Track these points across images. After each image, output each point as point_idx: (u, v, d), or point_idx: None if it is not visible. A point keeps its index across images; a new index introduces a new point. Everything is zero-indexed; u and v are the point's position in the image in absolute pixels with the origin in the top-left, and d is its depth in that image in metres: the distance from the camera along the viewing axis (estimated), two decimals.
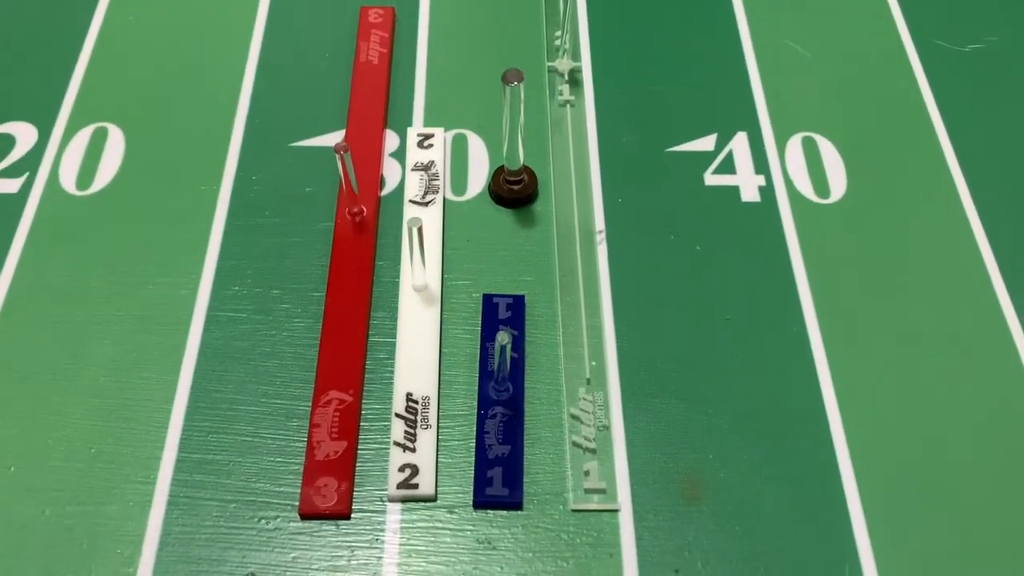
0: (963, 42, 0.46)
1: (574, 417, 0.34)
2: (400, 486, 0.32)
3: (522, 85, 0.35)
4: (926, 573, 0.31)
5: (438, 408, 0.34)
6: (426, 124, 0.43)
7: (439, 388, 0.35)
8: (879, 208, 0.40)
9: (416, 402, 0.34)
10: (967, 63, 0.46)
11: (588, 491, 0.32)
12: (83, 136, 0.42)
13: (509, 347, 0.32)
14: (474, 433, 0.34)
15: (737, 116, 0.43)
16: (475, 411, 0.34)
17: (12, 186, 0.40)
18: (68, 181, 0.40)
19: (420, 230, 0.34)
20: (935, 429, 0.34)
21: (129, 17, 0.46)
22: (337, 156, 0.35)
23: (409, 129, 0.42)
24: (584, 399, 0.34)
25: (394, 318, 0.37)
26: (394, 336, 0.36)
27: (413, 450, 0.33)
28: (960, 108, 0.44)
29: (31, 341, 0.36)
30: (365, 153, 0.41)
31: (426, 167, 0.41)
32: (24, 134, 0.42)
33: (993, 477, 0.33)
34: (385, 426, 0.34)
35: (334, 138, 0.42)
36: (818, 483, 0.33)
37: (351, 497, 0.32)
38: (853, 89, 0.44)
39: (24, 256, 0.38)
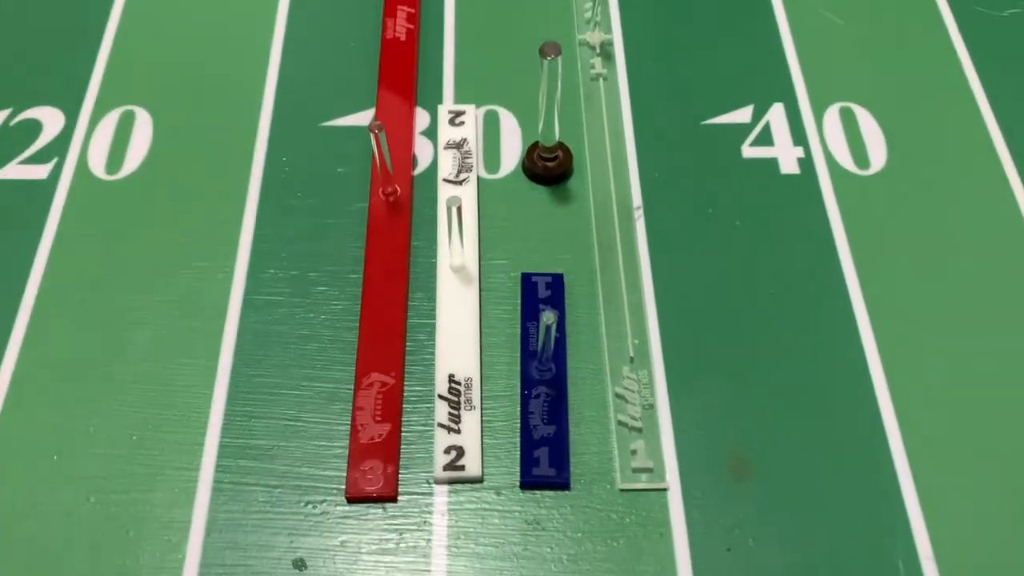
0: (1001, 7, 0.45)
1: (619, 396, 0.34)
2: (447, 468, 0.32)
3: (560, 59, 0.34)
4: (981, 548, 0.31)
5: (481, 389, 0.34)
6: (456, 101, 0.42)
7: (481, 369, 0.34)
8: (921, 178, 0.39)
9: (459, 383, 0.34)
10: (1006, 28, 0.45)
11: (636, 470, 0.32)
12: (110, 120, 0.41)
13: (554, 327, 0.32)
14: (518, 414, 0.33)
15: (773, 86, 0.42)
16: (518, 392, 0.34)
17: (41, 172, 0.40)
18: (97, 166, 0.40)
19: (459, 209, 0.33)
20: (986, 403, 0.34)
21: None
22: (372, 135, 0.35)
23: (440, 106, 0.41)
24: (628, 378, 0.34)
25: (432, 299, 0.36)
26: (433, 317, 0.36)
27: (458, 431, 0.33)
28: (1000, 73, 0.43)
29: (68, 329, 0.35)
30: (396, 132, 0.40)
31: (458, 145, 0.40)
32: (51, 119, 0.41)
33: None
34: (428, 408, 0.34)
35: (364, 117, 0.41)
36: (868, 458, 0.33)
37: (397, 480, 0.32)
38: (890, 57, 0.43)
39: (57, 242, 0.38)
